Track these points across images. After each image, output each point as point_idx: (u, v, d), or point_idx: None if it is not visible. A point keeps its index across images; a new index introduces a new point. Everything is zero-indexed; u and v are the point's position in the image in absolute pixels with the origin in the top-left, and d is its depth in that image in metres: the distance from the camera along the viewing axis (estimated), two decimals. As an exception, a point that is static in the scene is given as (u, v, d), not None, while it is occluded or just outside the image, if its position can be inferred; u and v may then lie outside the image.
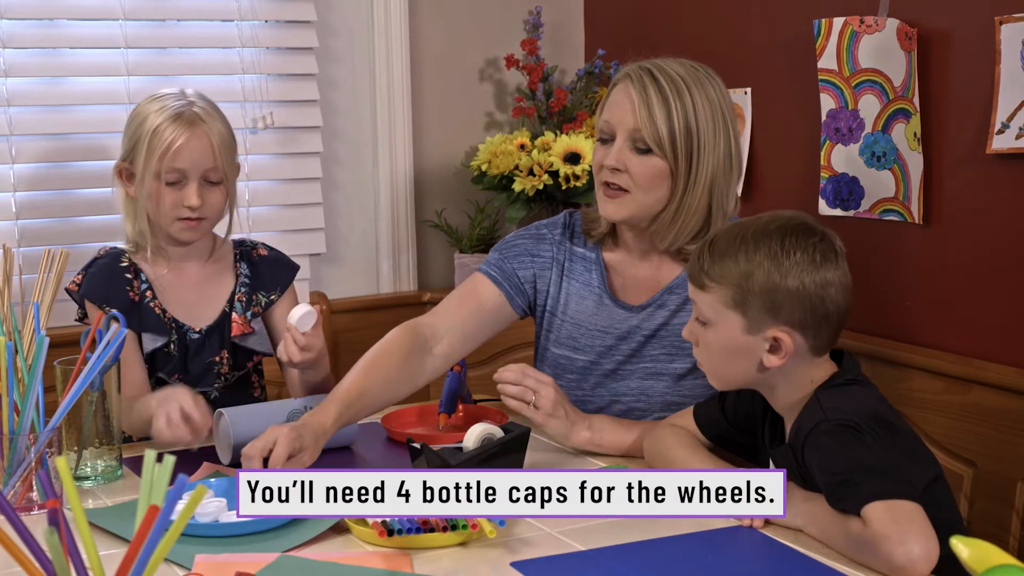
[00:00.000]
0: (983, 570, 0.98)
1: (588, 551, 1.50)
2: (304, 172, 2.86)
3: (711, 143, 1.88)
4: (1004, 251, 2.13)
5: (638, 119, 1.87)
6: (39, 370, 1.67)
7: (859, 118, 2.33)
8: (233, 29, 2.77)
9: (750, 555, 1.51)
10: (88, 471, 1.80)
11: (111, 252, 2.12)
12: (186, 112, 2.05)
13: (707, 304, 1.62)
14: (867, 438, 1.50)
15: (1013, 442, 2.05)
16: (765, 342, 1.59)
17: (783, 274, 1.57)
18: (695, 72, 1.90)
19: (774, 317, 1.58)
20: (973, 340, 2.19)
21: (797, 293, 1.57)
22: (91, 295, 2.06)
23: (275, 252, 2.22)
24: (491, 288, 2.04)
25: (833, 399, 1.57)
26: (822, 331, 1.60)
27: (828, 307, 1.59)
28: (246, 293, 2.14)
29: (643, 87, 1.87)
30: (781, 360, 1.59)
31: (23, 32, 2.57)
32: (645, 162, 1.88)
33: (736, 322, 1.60)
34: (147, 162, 2.03)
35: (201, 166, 2.05)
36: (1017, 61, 2.04)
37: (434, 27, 3.00)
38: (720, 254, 1.61)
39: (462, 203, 3.03)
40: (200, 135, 2.04)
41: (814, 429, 1.53)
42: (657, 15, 2.92)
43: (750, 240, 1.60)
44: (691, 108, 1.87)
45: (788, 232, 1.60)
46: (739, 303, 1.59)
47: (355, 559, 1.47)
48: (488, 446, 1.76)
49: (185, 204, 2.04)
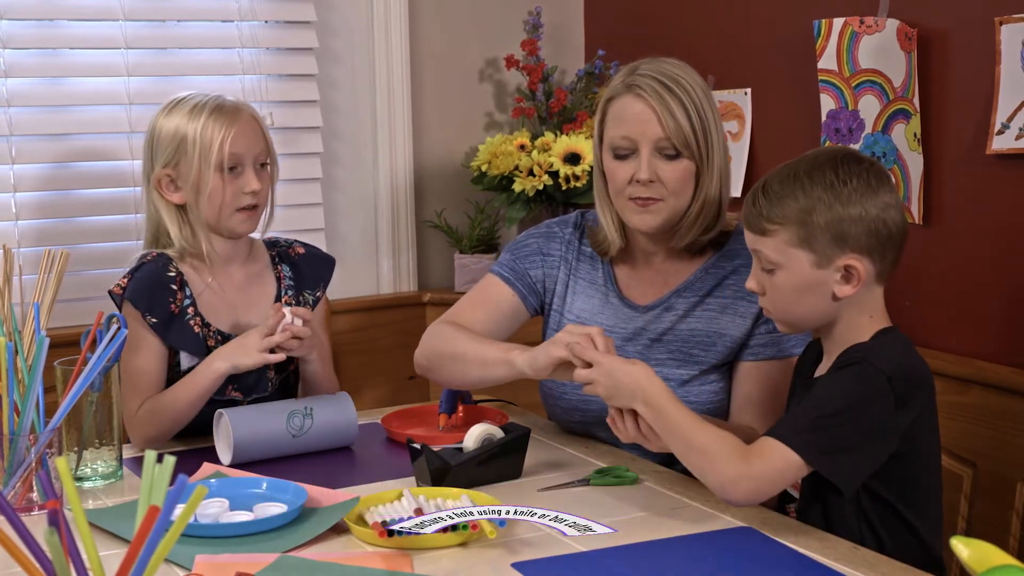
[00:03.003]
0: (983, 570, 0.98)
1: (588, 552, 1.50)
2: (304, 172, 2.86)
3: (715, 133, 1.90)
4: (1004, 251, 2.13)
5: (665, 127, 1.87)
6: (39, 370, 1.67)
7: (859, 118, 2.33)
8: (233, 29, 2.77)
9: (750, 555, 1.51)
10: (88, 471, 1.80)
11: (159, 258, 2.08)
12: (225, 104, 2.07)
13: (772, 248, 1.63)
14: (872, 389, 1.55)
15: (1013, 442, 2.05)
16: (836, 272, 1.61)
17: (844, 203, 1.59)
18: (681, 67, 1.91)
19: (842, 247, 1.59)
20: (973, 340, 2.19)
21: (860, 219, 1.59)
22: (136, 300, 2.02)
23: (311, 248, 2.24)
24: (505, 290, 2.04)
25: (890, 344, 1.62)
26: (887, 254, 1.62)
27: (891, 228, 1.61)
28: (293, 295, 2.14)
29: (659, 95, 1.87)
30: (854, 288, 1.61)
31: (23, 32, 2.57)
32: (676, 167, 1.89)
33: (804, 259, 1.61)
34: (204, 158, 2.02)
35: (254, 149, 2.07)
36: (1017, 61, 2.04)
37: (434, 27, 3.01)
38: (776, 196, 1.62)
39: (462, 203, 3.03)
40: (247, 120, 2.07)
41: (854, 360, 1.59)
42: (657, 15, 2.92)
43: (803, 176, 1.62)
44: (699, 103, 1.89)
45: (840, 162, 1.62)
46: (805, 240, 1.60)
47: (355, 559, 1.47)
48: (488, 447, 1.76)
49: (247, 190, 2.05)
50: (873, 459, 1.58)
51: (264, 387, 2.09)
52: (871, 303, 1.65)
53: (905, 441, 1.58)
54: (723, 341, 1.94)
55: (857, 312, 1.64)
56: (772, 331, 1.92)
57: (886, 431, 1.57)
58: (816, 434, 1.55)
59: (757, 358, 1.94)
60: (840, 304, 1.63)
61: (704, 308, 1.96)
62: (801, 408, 1.60)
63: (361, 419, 2.05)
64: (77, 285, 2.49)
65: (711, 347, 1.94)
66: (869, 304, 1.65)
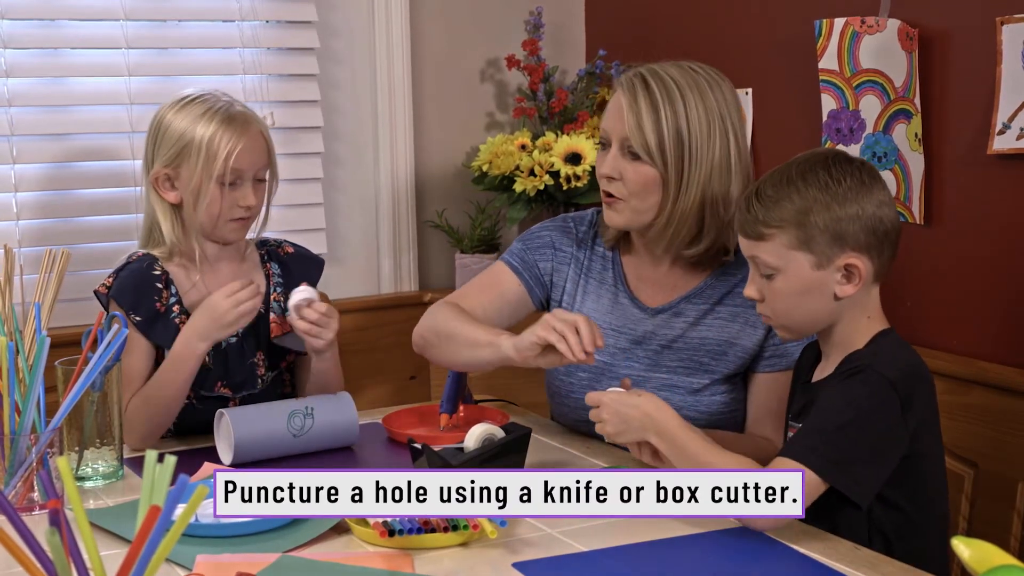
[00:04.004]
0: (984, 570, 0.98)
1: (589, 552, 1.50)
2: (305, 172, 2.86)
3: (704, 150, 1.86)
4: (1005, 251, 2.13)
5: (627, 126, 1.86)
6: (40, 370, 1.67)
7: (860, 118, 2.33)
8: (234, 29, 2.77)
9: (751, 556, 1.51)
10: (89, 471, 1.80)
11: (144, 258, 2.08)
12: (236, 114, 2.05)
13: (770, 252, 1.62)
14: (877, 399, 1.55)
15: (1014, 443, 2.05)
16: (837, 272, 1.61)
17: (840, 202, 1.59)
18: (695, 77, 1.88)
19: (841, 246, 1.60)
20: (974, 340, 2.19)
21: (858, 217, 1.59)
22: (120, 299, 2.03)
23: (300, 248, 2.24)
24: (512, 278, 2.05)
25: (889, 348, 1.62)
26: (884, 251, 1.62)
27: (887, 225, 1.62)
28: (282, 293, 2.14)
29: (633, 94, 1.86)
30: (855, 287, 1.61)
31: (24, 32, 2.57)
32: (637, 169, 1.87)
33: (804, 261, 1.61)
34: (206, 168, 2.02)
35: (256, 164, 2.06)
36: (1018, 61, 2.04)
37: (435, 27, 3.00)
38: (771, 200, 1.62)
39: (463, 203, 3.03)
40: (255, 135, 2.06)
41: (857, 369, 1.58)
42: (658, 15, 2.92)
43: (797, 179, 1.62)
44: (683, 114, 1.85)
45: (831, 162, 1.62)
46: (804, 242, 1.60)
47: (356, 559, 1.47)
48: (489, 446, 1.76)
49: (242, 204, 2.04)
50: (887, 466, 1.57)
51: (254, 384, 2.10)
52: (869, 304, 1.65)
53: (911, 442, 1.58)
54: (734, 351, 1.93)
55: (857, 313, 1.64)
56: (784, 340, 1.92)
57: (896, 436, 1.56)
58: (829, 449, 1.53)
59: (773, 369, 1.93)
60: (841, 305, 1.63)
61: (715, 316, 1.95)
62: (811, 424, 1.58)
63: (362, 419, 2.05)
64: (78, 285, 2.48)
65: (722, 356, 1.94)
66: (867, 305, 1.65)
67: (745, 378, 1.97)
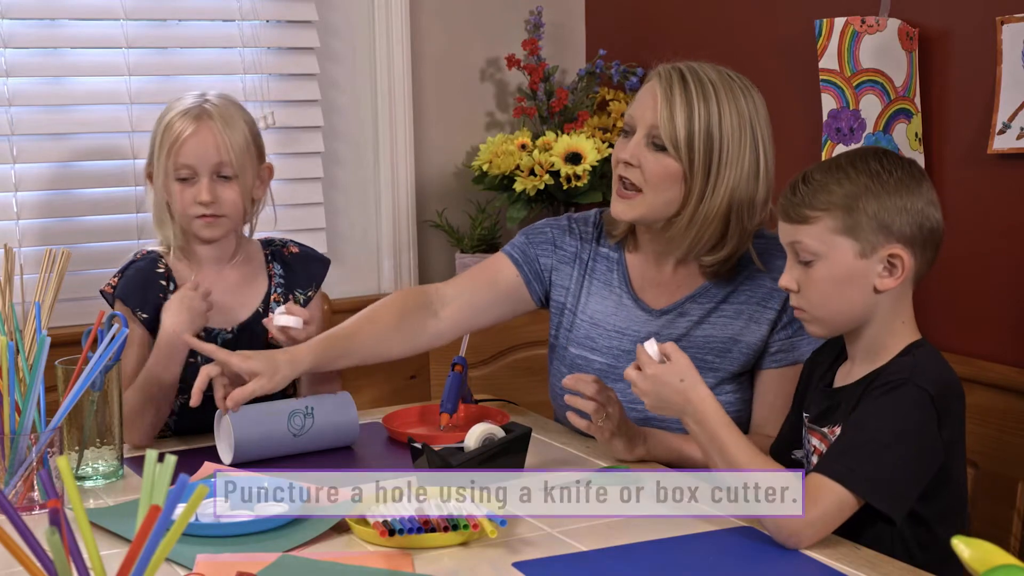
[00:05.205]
0: (984, 570, 0.98)
1: (590, 551, 1.50)
2: (305, 172, 2.86)
3: (735, 154, 1.85)
4: (1005, 251, 2.13)
5: (658, 116, 1.85)
6: (40, 370, 1.67)
7: (860, 118, 2.33)
8: (234, 29, 2.77)
9: (751, 555, 1.51)
10: (89, 471, 1.80)
11: (148, 255, 2.10)
12: (194, 108, 2.05)
13: (814, 236, 1.58)
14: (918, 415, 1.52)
15: (1014, 442, 2.05)
16: (880, 263, 1.57)
17: (890, 192, 1.57)
18: (729, 81, 1.87)
19: (887, 236, 1.56)
20: (974, 340, 2.19)
21: (906, 210, 1.57)
22: (125, 298, 2.05)
23: (305, 248, 2.24)
24: (510, 268, 2.04)
25: (930, 362, 1.59)
26: (927, 250, 1.60)
27: (933, 223, 1.59)
28: (283, 293, 2.14)
29: (669, 85, 1.85)
30: (896, 281, 1.57)
31: (24, 32, 2.57)
32: (659, 160, 1.86)
33: (848, 248, 1.57)
34: (159, 159, 2.05)
35: (208, 161, 2.04)
36: (1018, 61, 2.04)
37: (435, 27, 3.00)
38: (820, 184, 1.59)
39: (463, 203, 3.03)
40: (205, 130, 2.04)
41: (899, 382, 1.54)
42: (658, 15, 2.92)
43: (847, 166, 1.59)
44: (716, 115, 1.84)
45: (881, 155, 1.61)
46: (850, 228, 1.56)
47: (356, 559, 1.47)
48: (489, 446, 1.76)
49: (196, 200, 2.04)
50: (922, 482, 1.55)
51: None
52: (903, 308, 1.61)
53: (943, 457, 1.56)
54: (739, 348, 1.93)
55: (891, 316, 1.60)
56: (791, 336, 1.91)
57: (933, 452, 1.54)
58: (871, 469, 1.50)
59: (779, 365, 1.93)
60: (877, 301, 1.59)
61: (719, 314, 1.95)
62: (849, 441, 1.54)
63: (362, 418, 2.05)
64: (78, 284, 2.49)
65: (727, 354, 1.93)
66: (901, 309, 1.61)
67: (751, 377, 1.97)
